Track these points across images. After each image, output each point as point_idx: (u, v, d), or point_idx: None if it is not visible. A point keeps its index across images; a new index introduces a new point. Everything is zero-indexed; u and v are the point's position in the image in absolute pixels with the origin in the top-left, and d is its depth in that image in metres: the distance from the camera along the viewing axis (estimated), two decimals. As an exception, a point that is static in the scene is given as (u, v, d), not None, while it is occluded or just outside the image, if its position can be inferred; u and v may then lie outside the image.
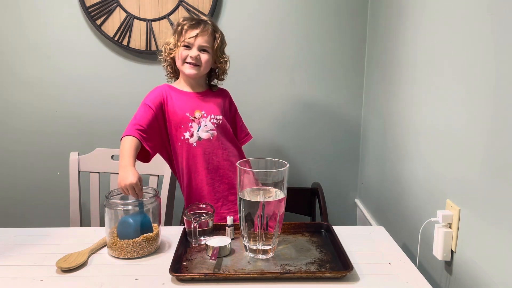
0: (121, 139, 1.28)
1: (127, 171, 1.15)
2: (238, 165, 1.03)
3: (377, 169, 1.76)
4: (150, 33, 1.87)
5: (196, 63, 1.39)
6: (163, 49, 1.46)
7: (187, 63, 1.40)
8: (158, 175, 1.65)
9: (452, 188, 1.08)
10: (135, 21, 1.86)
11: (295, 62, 1.94)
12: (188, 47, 1.40)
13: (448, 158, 1.10)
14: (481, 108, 0.94)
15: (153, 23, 1.86)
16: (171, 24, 1.86)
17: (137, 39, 1.87)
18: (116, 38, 1.86)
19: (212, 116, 1.44)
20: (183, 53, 1.39)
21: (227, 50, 1.48)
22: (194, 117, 1.41)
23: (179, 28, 1.41)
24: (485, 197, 0.92)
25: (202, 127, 1.42)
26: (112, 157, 1.67)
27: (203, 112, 1.43)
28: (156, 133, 1.39)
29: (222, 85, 1.54)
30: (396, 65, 1.52)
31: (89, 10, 1.83)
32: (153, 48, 1.88)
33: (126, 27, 1.86)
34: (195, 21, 1.41)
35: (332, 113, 1.99)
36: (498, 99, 0.88)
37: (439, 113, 1.15)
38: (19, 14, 1.87)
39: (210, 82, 1.52)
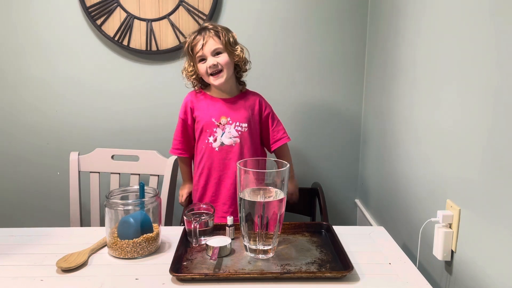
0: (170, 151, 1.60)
1: (186, 185, 1.65)
2: (238, 165, 1.03)
3: (377, 169, 1.76)
4: (150, 33, 1.87)
5: (218, 70, 1.43)
6: (184, 75, 1.51)
7: (210, 75, 1.44)
8: (158, 175, 1.65)
9: (452, 188, 1.08)
10: (135, 21, 1.86)
11: (295, 62, 1.94)
12: (203, 59, 1.43)
13: (448, 158, 1.10)
14: (481, 108, 0.94)
15: (153, 23, 1.86)
16: (171, 24, 1.86)
17: (137, 39, 1.87)
18: (116, 38, 1.86)
19: (237, 123, 1.48)
20: (202, 68, 1.44)
21: None
22: (220, 123, 1.47)
23: (186, 48, 1.46)
24: (485, 197, 0.92)
25: (226, 133, 1.47)
26: (112, 157, 1.66)
27: (228, 119, 1.47)
28: (191, 139, 1.56)
29: (245, 77, 1.57)
30: (396, 65, 1.52)
31: (89, 10, 1.83)
32: (153, 48, 1.88)
33: (126, 27, 1.86)
34: (196, 33, 1.45)
35: (332, 113, 1.99)
36: (498, 99, 0.88)
37: (439, 113, 1.15)
38: (19, 14, 1.87)
39: (239, 81, 1.55)
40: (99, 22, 1.85)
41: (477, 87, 0.96)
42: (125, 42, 1.87)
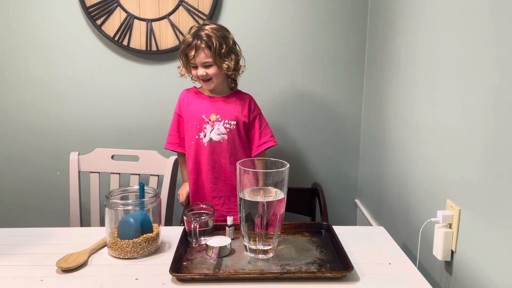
0: (164, 147, 1.64)
1: (185, 185, 1.65)
2: (238, 165, 1.03)
3: (377, 169, 1.76)
4: (150, 33, 1.87)
5: (208, 78, 1.48)
6: (178, 72, 1.55)
7: (200, 80, 1.49)
8: (158, 175, 1.65)
9: (452, 188, 1.08)
10: (135, 21, 1.86)
11: (295, 62, 1.94)
12: (195, 66, 1.48)
13: (448, 158, 1.10)
14: (481, 108, 0.94)
15: (153, 23, 1.86)
16: (171, 24, 1.86)
17: (137, 39, 1.87)
18: (116, 38, 1.86)
19: (226, 121, 1.53)
20: (194, 73, 1.50)
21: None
22: (209, 120, 1.52)
23: (182, 50, 1.49)
24: (485, 197, 0.92)
25: (215, 129, 1.52)
26: (112, 157, 1.66)
27: (218, 116, 1.52)
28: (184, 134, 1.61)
29: (238, 77, 1.59)
30: (396, 65, 1.52)
31: (89, 10, 1.83)
32: (153, 48, 1.88)
33: (126, 27, 1.86)
34: (190, 39, 1.45)
35: (332, 113, 1.99)
36: (498, 99, 0.88)
37: (439, 113, 1.15)
38: (19, 15, 1.87)
39: (231, 80, 1.59)
40: (99, 22, 1.85)
41: (477, 87, 0.96)
42: (125, 42, 1.87)
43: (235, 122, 1.53)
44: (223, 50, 1.45)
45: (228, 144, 1.53)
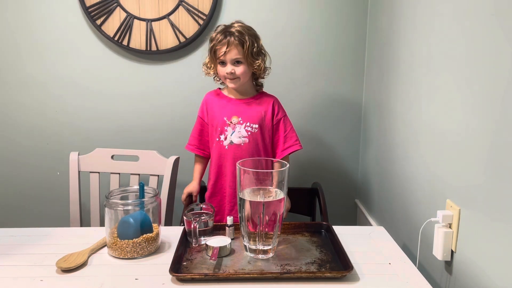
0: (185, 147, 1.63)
1: (191, 183, 1.63)
2: (238, 165, 1.03)
3: (377, 169, 1.76)
4: (150, 33, 1.87)
5: (235, 77, 1.46)
6: (203, 70, 1.54)
7: (226, 78, 1.47)
8: (158, 175, 1.65)
9: (452, 188, 1.08)
10: (135, 21, 1.86)
11: (294, 61, 1.94)
12: (223, 63, 1.46)
13: (448, 158, 1.10)
14: (481, 108, 0.94)
15: (153, 23, 1.86)
16: (171, 24, 1.86)
17: (137, 39, 1.87)
18: (116, 38, 1.86)
19: (248, 124, 1.51)
20: (220, 70, 1.48)
21: None
22: (231, 122, 1.51)
23: (211, 47, 1.47)
24: (485, 197, 0.92)
25: (236, 132, 1.50)
26: (112, 157, 1.66)
27: (239, 119, 1.51)
28: (206, 138, 1.60)
29: (264, 81, 1.59)
30: (396, 65, 1.52)
31: (89, 10, 1.83)
32: (153, 48, 1.88)
33: (126, 27, 1.86)
34: (222, 36, 1.44)
35: (332, 113, 1.99)
36: (498, 99, 0.88)
37: (439, 113, 1.15)
38: (19, 14, 1.87)
39: (256, 82, 1.58)
40: (99, 22, 1.85)
41: (477, 87, 0.96)
42: (125, 42, 1.87)
43: (257, 126, 1.51)
44: (254, 49, 1.45)
45: (249, 147, 1.50)
